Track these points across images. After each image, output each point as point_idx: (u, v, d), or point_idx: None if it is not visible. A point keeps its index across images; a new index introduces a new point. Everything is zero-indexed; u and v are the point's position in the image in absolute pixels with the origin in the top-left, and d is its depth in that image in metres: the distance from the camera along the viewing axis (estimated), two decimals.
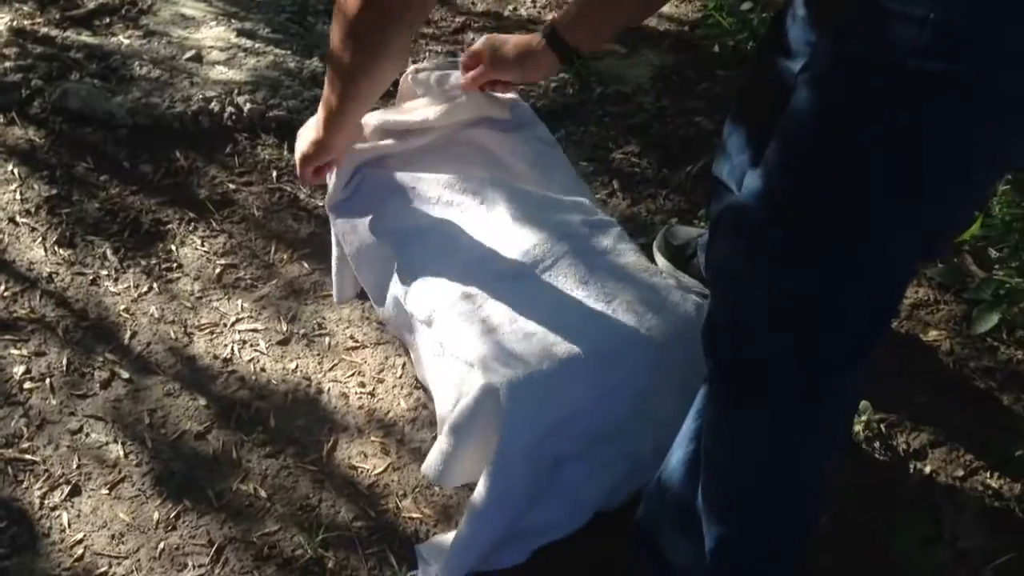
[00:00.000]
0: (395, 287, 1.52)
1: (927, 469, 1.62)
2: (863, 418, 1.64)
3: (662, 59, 2.48)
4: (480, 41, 1.60)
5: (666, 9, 2.69)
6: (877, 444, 1.64)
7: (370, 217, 1.56)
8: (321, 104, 1.46)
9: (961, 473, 1.62)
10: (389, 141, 1.64)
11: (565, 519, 1.40)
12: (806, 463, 1.18)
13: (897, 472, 1.61)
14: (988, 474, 1.61)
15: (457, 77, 1.64)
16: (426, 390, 1.72)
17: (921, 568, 1.48)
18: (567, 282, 1.43)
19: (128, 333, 1.80)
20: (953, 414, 1.69)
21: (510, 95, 1.69)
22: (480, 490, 1.36)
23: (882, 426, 1.66)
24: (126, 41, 2.45)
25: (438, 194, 1.55)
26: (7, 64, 2.29)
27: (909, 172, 0.94)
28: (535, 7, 2.75)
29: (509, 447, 1.33)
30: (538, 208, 1.53)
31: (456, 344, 1.39)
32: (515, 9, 2.74)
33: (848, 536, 1.51)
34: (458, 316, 1.40)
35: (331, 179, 1.61)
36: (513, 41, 1.58)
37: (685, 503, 1.26)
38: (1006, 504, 1.58)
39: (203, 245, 1.96)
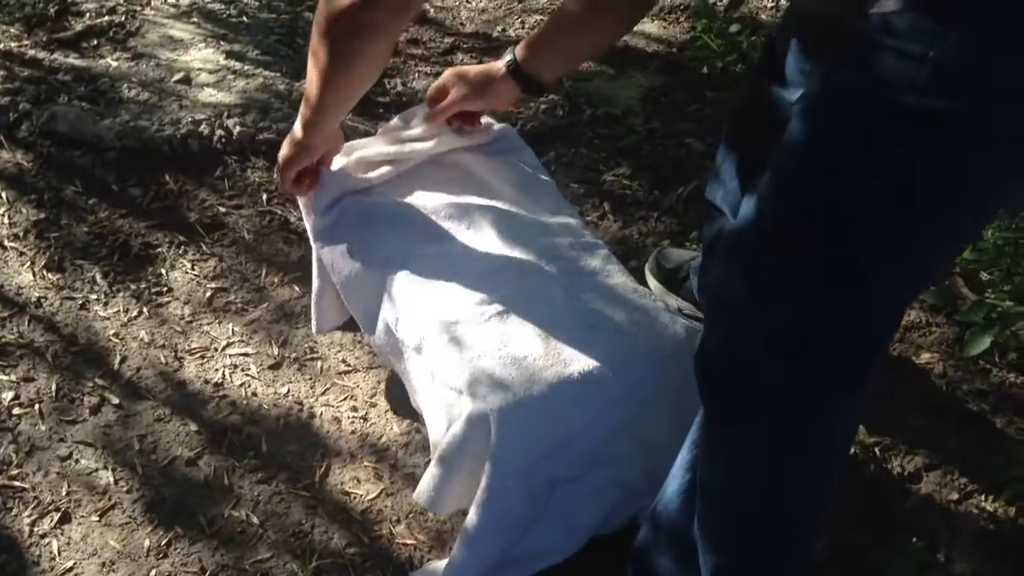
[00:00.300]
0: (386, 313, 1.51)
1: (922, 492, 1.62)
2: (858, 440, 1.64)
3: (651, 81, 2.49)
4: (444, 75, 1.60)
5: (654, 31, 2.71)
6: (871, 467, 1.64)
7: (358, 244, 1.54)
8: (301, 106, 1.44)
9: (956, 496, 1.62)
10: (370, 174, 1.62)
11: (561, 544, 1.39)
12: (801, 489, 1.18)
13: (892, 495, 1.61)
14: (983, 497, 1.61)
15: (423, 111, 1.64)
16: (419, 415, 1.71)
17: None
18: (556, 306, 1.42)
19: (118, 358, 1.78)
20: (947, 437, 1.69)
21: (486, 120, 1.69)
22: (472, 516, 1.35)
23: (876, 449, 1.66)
24: (114, 63, 2.45)
25: (425, 220, 1.54)
26: None
27: (904, 205, 0.94)
28: (524, 28, 2.76)
29: (501, 473, 1.32)
30: (525, 231, 1.53)
31: (445, 371, 1.38)
32: (504, 31, 2.75)
33: (843, 560, 1.50)
34: (447, 342, 1.39)
35: (304, 203, 1.60)
36: (476, 70, 1.57)
37: (681, 532, 1.26)
38: (1001, 527, 1.58)
39: (193, 269, 1.95)
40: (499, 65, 1.53)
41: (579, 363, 1.36)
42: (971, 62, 0.86)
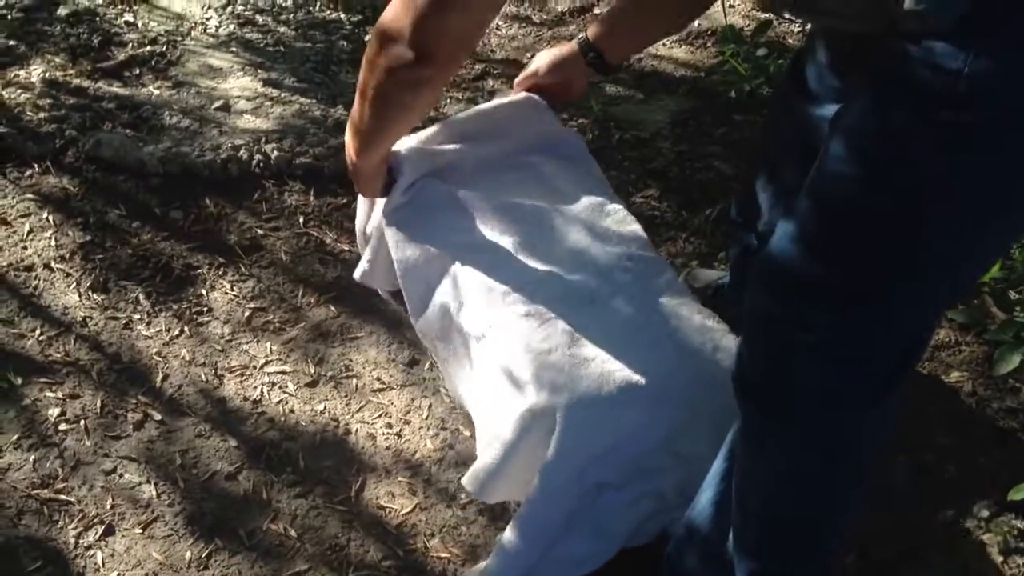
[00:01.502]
0: (446, 298, 1.54)
1: (952, 509, 1.63)
2: (889, 457, 1.65)
3: (679, 104, 2.53)
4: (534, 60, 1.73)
5: (682, 55, 2.74)
6: (901, 483, 1.65)
7: (424, 229, 1.59)
8: (349, 134, 1.49)
9: (986, 514, 1.62)
10: (451, 146, 1.67)
11: (597, 552, 1.42)
12: (834, 495, 1.20)
13: (922, 512, 1.62)
14: (1013, 515, 1.62)
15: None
16: (453, 431, 1.74)
17: None
18: (626, 314, 1.46)
19: (160, 376, 1.83)
20: (976, 455, 1.71)
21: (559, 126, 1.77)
22: (524, 510, 1.38)
23: (905, 466, 1.67)
24: (156, 92, 2.52)
25: (497, 215, 1.58)
26: (41, 115, 2.36)
27: (941, 217, 0.97)
28: None
29: (560, 469, 1.35)
30: (596, 238, 1.57)
31: (511, 363, 1.41)
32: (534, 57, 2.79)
33: (872, 573, 1.52)
34: (515, 335, 1.42)
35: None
36: (552, 50, 1.70)
37: (714, 542, 1.28)
38: None
39: (232, 289, 2.00)
40: (573, 44, 1.64)
41: (643, 373, 1.39)
42: (1004, 77, 0.88)
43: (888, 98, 0.97)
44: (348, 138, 1.49)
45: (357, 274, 1.78)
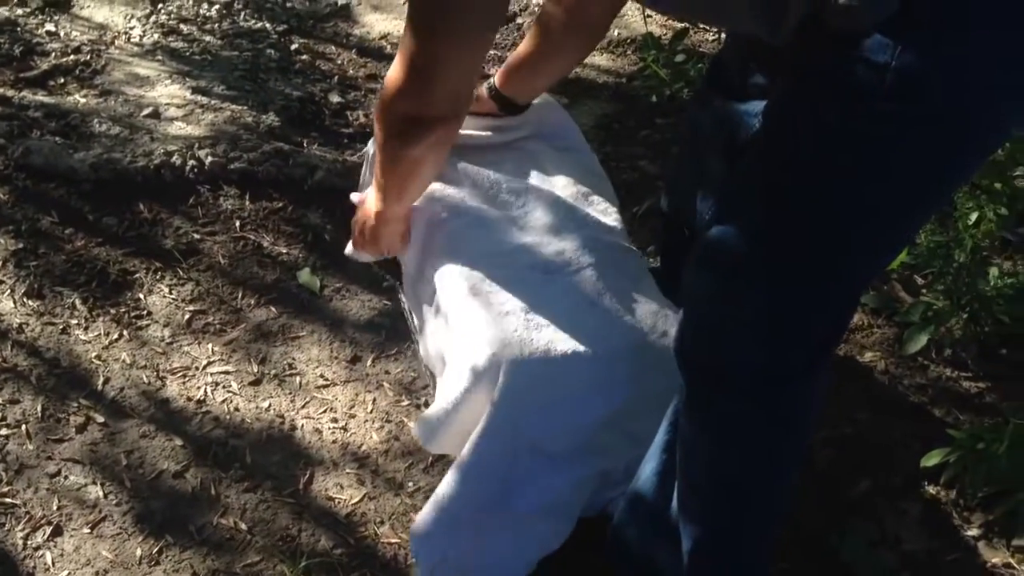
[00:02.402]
0: (424, 258, 1.63)
1: (870, 479, 1.73)
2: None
3: (603, 108, 2.62)
4: None
5: (603, 63, 2.84)
6: (823, 457, 1.75)
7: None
8: (375, 187, 1.54)
9: (901, 483, 1.73)
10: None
11: (558, 532, 1.48)
12: (773, 463, 1.29)
13: (843, 483, 1.72)
14: (925, 482, 1.73)
15: None
16: (397, 423, 1.79)
17: (870, 569, 1.58)
18: (585, 290, 1.53)
19: (101, 379, 1.84)
20: (891, 428, 1.82)
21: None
22: (461, 457, 1.44)
23: (827, 441, 1.77)
24: (82, 100, 2.51)
25: (486, 187, 1.66)
26: None
27: (873, 201, 1.06)
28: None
29: (496, 418, 1.41)
30: (573, 221, 1.64)
31: (471, 322, 1.48)
32: None
33: (801, 541, 1.61)
34: (476, 298, 1.49)
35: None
36: None
37: (660, 512, 1.36)
38: (944, 509, 1.70)
39: (171, 293, 2.01)
40: (483, 90, 1.72)
41: (594, 344, 1.46)
42: (929, 72, 0.97)
43: (820, 90, 1.06)
44: (372, 193, 1.56)
45: (349, 249, 1.80)
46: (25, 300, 1.97)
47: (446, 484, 1.45)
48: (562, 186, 1.74)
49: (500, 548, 1.48)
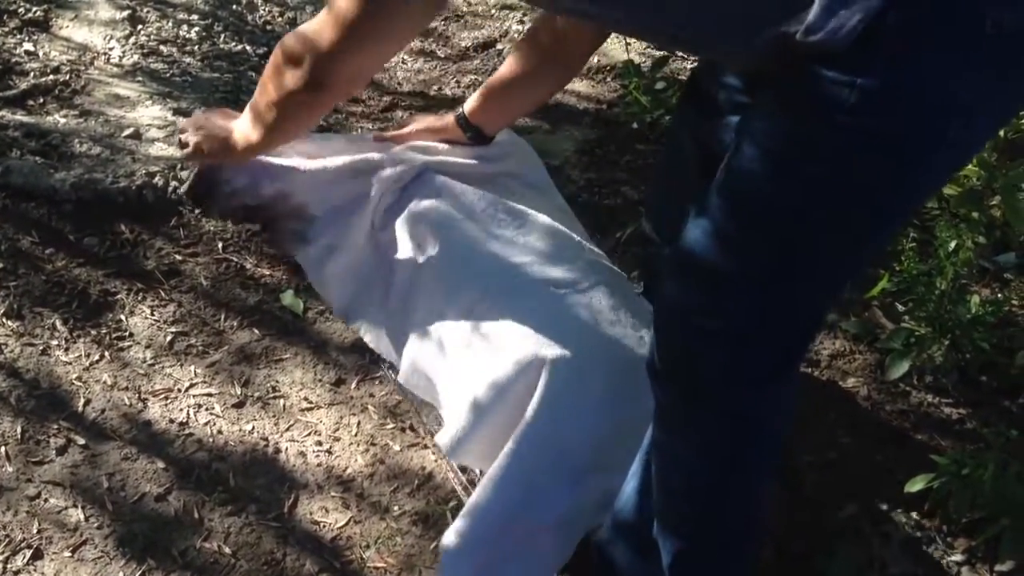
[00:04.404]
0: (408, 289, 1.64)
1: (854, 504, 1.74)
2: (794, 457, 1.76)
3: (584, 135, 2.64)
4: (409, 122, 1.92)
5: (584, 89, 2.87)
6: (808, 482, 1.76)
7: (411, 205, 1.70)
8: (249, 119, 1.69)
9: (885, 507, 1.75)
10: (431, 156, 1.82)
11: (564, 552, 1.48)
12: (749, 471, 1.31)
13: (827, 507, 1.73)
14: (908, 507, 1.74)
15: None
16: (383, 446, 1.78)
17: None
18: (602, 305, 1.54)
19: (82, 401, 1.81)
20: (874, 453, 1.83)
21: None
22: (499, 463, 1.44)
23: (811, 465, 1.78)
24: (62, 120, 2.49)
25: (480, 207, 1.68)
26: None
27: (842, 210, 1.10)
28: (459, 87, 2.89)
29: (537, 420, 1.42)
30: (571, 246, 1.68)
31: (496, 334, 1.48)
32: (440, 89, 2.87)
33: (787, 565, 1.62)
34: (503, 304, 1.49)
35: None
36: (437, 119, 1.87)
37: (641, 529, 1.37)
38: (927, 534, 1.71)
39: (153, 314, 2.00)
40: (451, 118, 1.76)
41: (617, 350, 1.50)
42: (893, 88, 1.02)
43: (793, 105, 1.10)
44: (245, 123, 1.68)
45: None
46: (4, 321, 1.94)
47: (479, 495, 1.44)
48: (545, 216, 1.76)
49: (518, 566, 1.48)
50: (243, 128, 1.72)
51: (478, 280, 1.55)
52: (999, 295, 2.09)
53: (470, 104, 1.75)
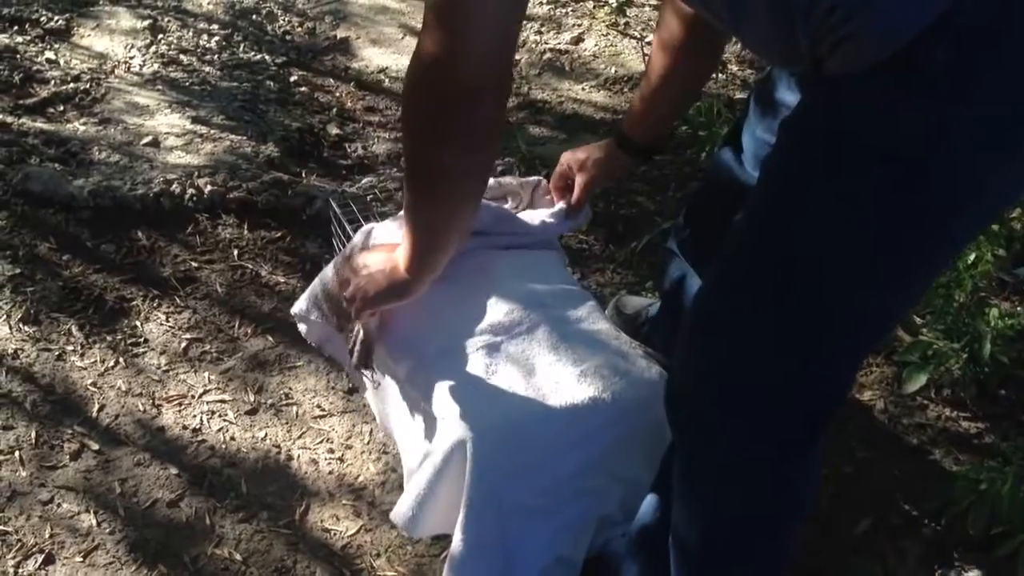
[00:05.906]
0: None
1: (870, 519, 1.72)
2: None
3: None
4: (562, 161, 1.72)
5: (600, 99, 2.86)
6: (824, 496, 1.74)
7: None
8: (409, 226, 1.32)
9: (901, 522, 1.73)
10: None
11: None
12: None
13: (844, 522, 1.71)
14: (925, 522, 1.72)
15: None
16: (394, 454, 1.78)
17: None
18: (541, 347, 1.51)
19: (96, 406, 1.82)
20: (890, 467, 1.81)
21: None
22: (455, 539, 1.41)
23: (827, 479, 1.76)
24: (82, 128, 2.51)
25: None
26: None
27: (877, 253, 1.03)
28: None
29: (475, 493, 1.39)
30: (516, 275, 1.61)
31: (429, 399, 1.46)
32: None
33: None
34: (434, 373, 1.47)
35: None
36: (593, 154, 1.69)
37: (660, 548, 1.34)
38: (944, 550, 1.69)
39: (168, 321, 2.00)
40: (610, 143, 1.66)
41: (557, 398, 1.43)
42: (920, 114, 0.95)
43: (817, 127, 1.04)
44: (382, 256, 1.42)
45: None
46: (21, 326, 1.95)
47: (448, 571, 1.42)
48: (515, 257, 1.68)
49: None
50: (406, 241, 1.34)
51: (418, 346, 1.51)
52: (1018, 308, 2.07)
53: (626, 123, 1.64)
